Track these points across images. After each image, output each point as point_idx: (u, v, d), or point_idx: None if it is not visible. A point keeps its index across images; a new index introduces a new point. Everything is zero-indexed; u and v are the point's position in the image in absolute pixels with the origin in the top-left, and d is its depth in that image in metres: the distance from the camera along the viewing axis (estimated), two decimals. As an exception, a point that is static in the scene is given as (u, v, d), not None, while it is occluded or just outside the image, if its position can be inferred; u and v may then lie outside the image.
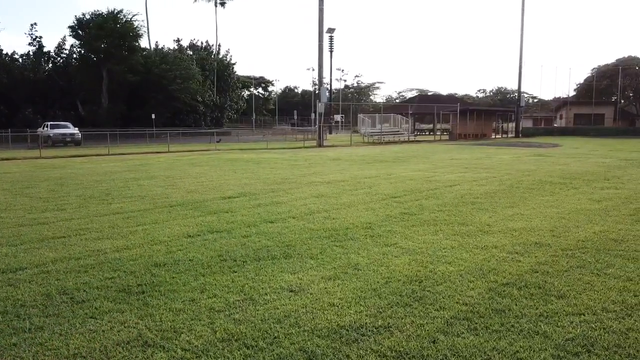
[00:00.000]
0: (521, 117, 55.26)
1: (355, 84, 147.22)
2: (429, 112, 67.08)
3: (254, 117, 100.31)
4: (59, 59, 52.26)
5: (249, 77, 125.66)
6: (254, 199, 9.77)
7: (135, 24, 50.22)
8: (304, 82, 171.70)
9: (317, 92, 43.17)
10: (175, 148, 30.51)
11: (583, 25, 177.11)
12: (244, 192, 10.77)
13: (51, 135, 34.61)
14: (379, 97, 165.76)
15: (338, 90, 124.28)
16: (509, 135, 52.51)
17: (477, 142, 42.32)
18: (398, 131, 45.45)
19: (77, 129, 36.40)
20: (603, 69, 64.75)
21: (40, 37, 51.14)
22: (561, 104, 59.90)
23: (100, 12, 49.06)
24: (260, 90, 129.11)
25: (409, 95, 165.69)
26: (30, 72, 48.63)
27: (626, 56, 67.23)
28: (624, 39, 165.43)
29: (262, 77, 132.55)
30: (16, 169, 17.71)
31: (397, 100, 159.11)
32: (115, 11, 49.13)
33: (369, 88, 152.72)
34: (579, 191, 10.56)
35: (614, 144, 35.22)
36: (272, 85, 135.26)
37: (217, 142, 41.42)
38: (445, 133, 52.05)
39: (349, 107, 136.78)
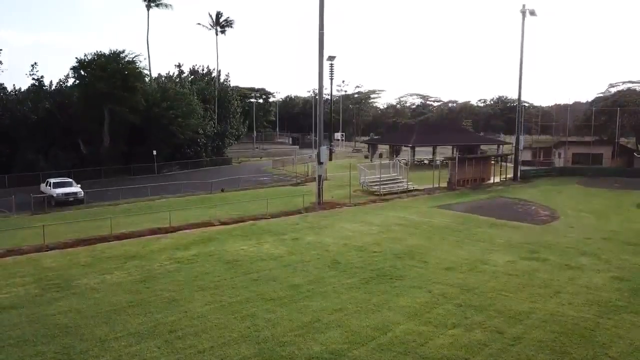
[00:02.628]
0: (520, 153, 55.70)
1: (356, 94, 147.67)
2: (430, 143, 67.74)
3: (255, 134, 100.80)
4: (60, 98, 52.64)
5: (251, 89, 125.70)
6: None
7: (138, 64, 50.57)
8: (303, 94, 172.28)
9: (317, 99, 44.32)
10: (177, 219, 30.61)
11: (581, 52, 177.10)
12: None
13: (54, 195, 35.16)
14: (379, 104, 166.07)
15: (339, 100, 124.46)
16: (508, 177, 52.95)
17: (475, 193, 42.78)
18: (397, 178, 45.98)
19: (79, 186, 36.94)
20: (601, 103, 65.13)
21: (42, 77, 51.50)
22: (559, 143, 60.84)
23: (102, 52, 49.39)
24: (260, 101, 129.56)
25: (409, 100, 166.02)
26: (33, 113, 49.01)
27: (625, 89, 67.60)
28: (623, 63, 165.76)
29: (262, 89, 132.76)
30: (14, 296, 17.91)
31: (398, 106, 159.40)
32: (118, 52, 49.42)
33: (369, 96, 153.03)
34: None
35: (612, 206, 35.88)
36: (273, 96, 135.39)
37: (222, 191, 42.29)
38: (445, 162, 52.18)
39: (349, 118, 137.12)
